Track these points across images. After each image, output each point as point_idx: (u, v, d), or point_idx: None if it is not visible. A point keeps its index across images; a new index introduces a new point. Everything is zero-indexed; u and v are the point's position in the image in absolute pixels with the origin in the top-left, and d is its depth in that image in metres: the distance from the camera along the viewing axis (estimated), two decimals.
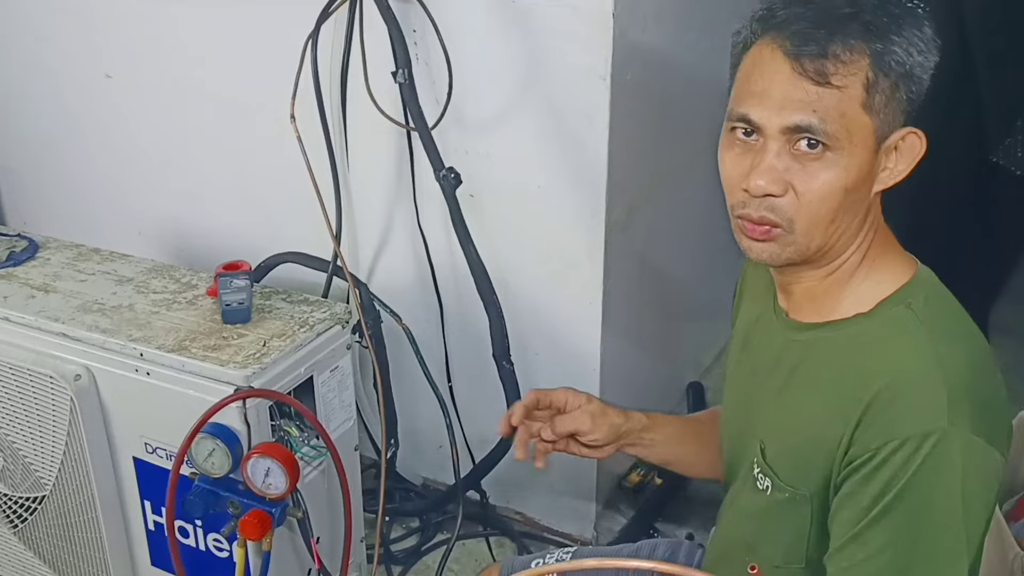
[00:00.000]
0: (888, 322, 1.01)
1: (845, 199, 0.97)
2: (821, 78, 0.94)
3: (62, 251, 1.75)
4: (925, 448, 0.92)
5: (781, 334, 1.11)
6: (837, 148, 0.95)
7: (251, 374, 1.40)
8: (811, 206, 0.97)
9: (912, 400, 0.95)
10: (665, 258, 2.10)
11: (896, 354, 0.98)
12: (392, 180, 1.88)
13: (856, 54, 0.94)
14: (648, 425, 1.32)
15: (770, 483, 1.09)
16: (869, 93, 0.95)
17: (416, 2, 1.65)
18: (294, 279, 1.85)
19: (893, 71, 0.95)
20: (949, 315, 1.04)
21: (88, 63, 2.16)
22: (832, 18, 0.95)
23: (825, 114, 0.94)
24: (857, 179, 0.97)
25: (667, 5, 1.74)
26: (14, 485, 1.60)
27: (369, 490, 1.84)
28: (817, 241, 1.00)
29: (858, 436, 0.98)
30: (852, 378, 1.00)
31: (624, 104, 1.66)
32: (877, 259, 1.05)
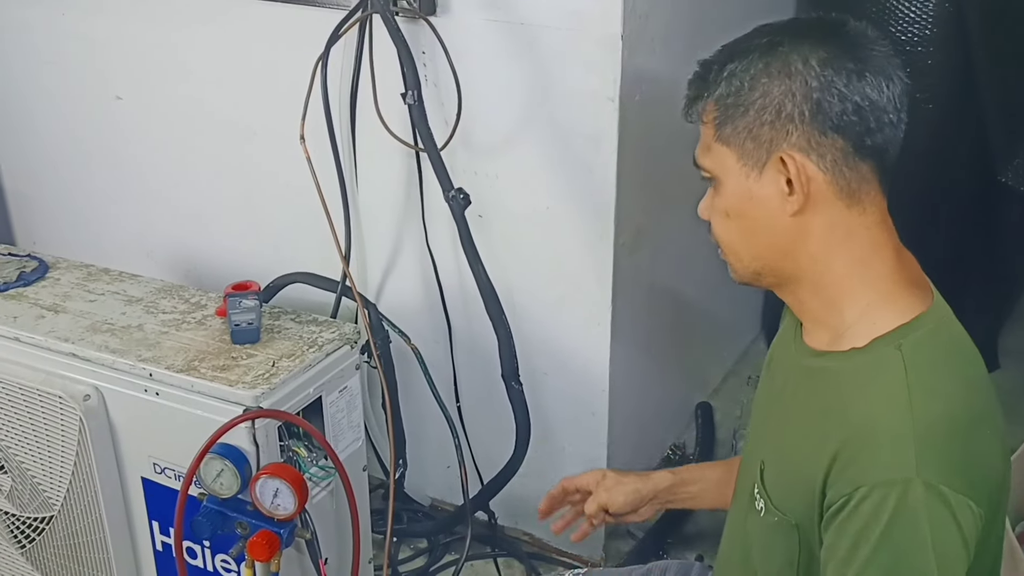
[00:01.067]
0: (875, 363, 1.00)
1: (734, 224, 1.06)
2: (691, 118, 1.07)
3: (72, 271, 1.76)
4: (892, 498, 0.92)
5: (793, 357, 1.11)
6: (715, 177, 1.06)
7: (260, 394, 1.41)
8: (717, 232, 1.10)
9: (881, 449, 0.95)
10: (673, 280, 2.10)
11: (872, 400, 0.98)
12: (401, 201, 1.88)
13: (705, 93, 1.05)
14: (677, 482, 1.41)
15: (763, 505, 1.09)
16: (718, 127, 1.04)
17: (426, 24, 1.66)
18: (303, 299, 1.85)
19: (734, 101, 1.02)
20: (940, 357, 1.02)
21: (96, 87, 2.17)
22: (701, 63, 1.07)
23: (700, 150, 1.07)
24: (734, 205, 1.05)
25: (675, 28, 1.75)
26: (22, 505, 1.60)
27: (377, 511, 1.83)
28: (745, 264, 1.08)
29: (832, 480, 0.98)
30: (833, 416, 1.00)
31: (632, 126, 1.67)
32: (885, 292, 1.03)
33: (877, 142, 1.00)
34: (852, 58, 0.99)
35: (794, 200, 1.01)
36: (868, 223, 1.03)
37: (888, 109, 1.00)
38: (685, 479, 1.41)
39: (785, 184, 1.01)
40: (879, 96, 0.99)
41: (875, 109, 0.99)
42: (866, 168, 1.01)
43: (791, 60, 0.99)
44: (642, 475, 1.41)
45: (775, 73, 1.00)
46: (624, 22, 1.57)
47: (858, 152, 1.00)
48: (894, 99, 1.00)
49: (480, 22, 1.67)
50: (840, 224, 1.02)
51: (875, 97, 0.99)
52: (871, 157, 1.00)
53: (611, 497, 1.38)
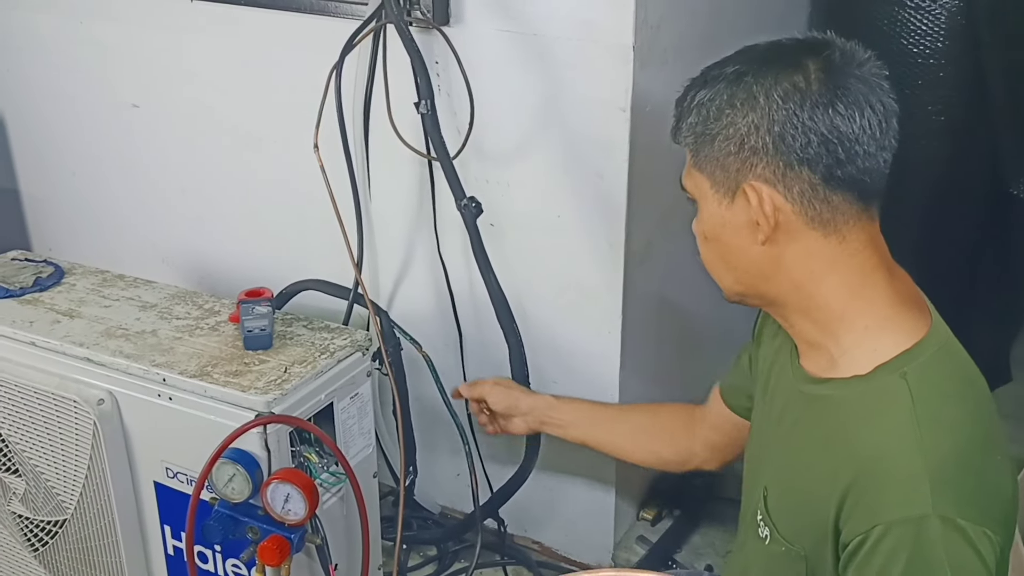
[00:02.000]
0: (880, 393, 0.99)
1: (712, 247, 1.08)
2: (678, 141, 1.09)
3: (87, 277, 1.77)
4: (909, 536, 0.92)
5: (791, 382, 1.11)
6: (695, 200, 1.08)
7: (272, 400, 1.42)
8: (701, 252, 1.11)
9: (894, 485, 0.94)
10: (684, 290, 2.10)
11: (881, 433, 0.97)
12: (413, 209, 1.89)
13: (681, 122, 1.07)
14: (555, 405, 1.57)
15: (769, 534, 1.08)
16: (694, 153, 1.06)
17: (439, 34, 1.67)
18: (315, 306, 1.86)
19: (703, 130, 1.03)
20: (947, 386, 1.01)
21: (111, 94, 2.19)
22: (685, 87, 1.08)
23: (684, 170, 1.08)
24: (710, 229, 1.07)
25: (687, 38, 1.76)
26: (36, 508, 1.61)
27: (387, 517, 1.84)
28: (727, 285, 1.11)
29: (845, 517, 0.97)
30: (840, 446, 1.00)
31: (643, 136, 1.67)
32: (883, 316, 1.02)
33: (850, 173, 0.98)
34: (822, 88, 0.97)
35: (761, 230, 1.01)
36: (851, 251, 1.02)
37: (861, 139, 0.97)
38: (562, 408, 1.57)
39: (749, 212, 1.02)
40: (849, 127, 0.97)
41: (845, 140, 0.97)
42: (839, 199, 0.99)
43: (754, 92, 0.99)
44: (527, 391, 1.61)
45: (738, 105, 1.00)
46: (635, 33, 1.58)
47: (828, 184, 0.98)
48: (870, 128, 0.97)
49: (493, 32, 1.68)
50: (818, 253, 1.02)
51: (844, 128, 0.97)
52: (844, 188, 0.99)
53: (492, 391, 1.59)
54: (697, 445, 1.48)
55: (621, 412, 1.59)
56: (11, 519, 1.64)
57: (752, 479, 1.17)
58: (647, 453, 1.55)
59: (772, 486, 1.10)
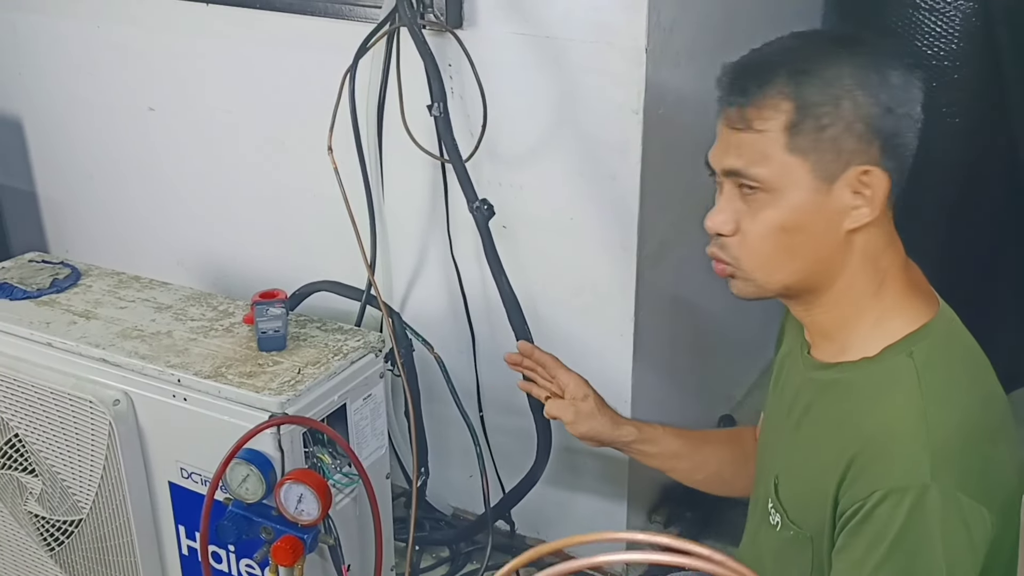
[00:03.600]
0: (887, 372, 1.00)
1: (788, 238, 1.00)
2: (742, 124, 0.99)
3: (103, 279, 1.78)
4: (906, 503, 0.92)
5: (802, 371, 1.11)
6: (769, 189, 0.99)
7: (286, 401, 1.42)
8: (752, 245, 1.02)
9: (895, 454, 0.95)
10: (697, 292, 2.10)
11: (886, 409, 0.98)
12: (426, 211, 1.90)
13: (777, 99, 0.98)
14: (638, 439, 1.42)
15: (779, 519, 1.09)
16: (792, 136, 0.98)
17: (453, 37, 1.68)
18: (328, 308, 1.87)
19: (819, 112, 0.97)
20: (954, 367, 1.02)
21: (129, 97, 2.21)
22: (758, 67, 1.01)
23: (750, 158, 0.99)
24: (797, 218, 1.00)
25: (700, 41, 1.76)
26: (52, 508, 1.62)
27: (399, 518, 1.84)
28: (778, 278, 1.04)
29: (846, 488, 0.98)
30: (848, 426, 1.00)
31: (656, 138, 1.67)
32: (894, 301, 1.03)
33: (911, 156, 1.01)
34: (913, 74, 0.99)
35: (863, 214, 1.00)
36: (892, 236, 1.04)
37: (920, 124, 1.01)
38: (646, 438, 1.42)
39: (852, 198, 0.99)
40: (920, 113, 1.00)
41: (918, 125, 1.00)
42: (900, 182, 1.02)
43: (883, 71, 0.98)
44: (614, 419, 1.42)
45: (869, 84, 0.98)
46: (649, 35, 1.58)
47: (905, 166, 1.00)
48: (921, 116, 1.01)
49: (506, 35, 1.68)
50: (878, 238, 1.02)
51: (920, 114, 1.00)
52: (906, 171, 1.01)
53: (576, 422, 1.41)
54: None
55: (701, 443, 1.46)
56: (27, 519, 1.66)
57: (764, 469, 1.18)
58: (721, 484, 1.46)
59: (783, 473, 1.11)
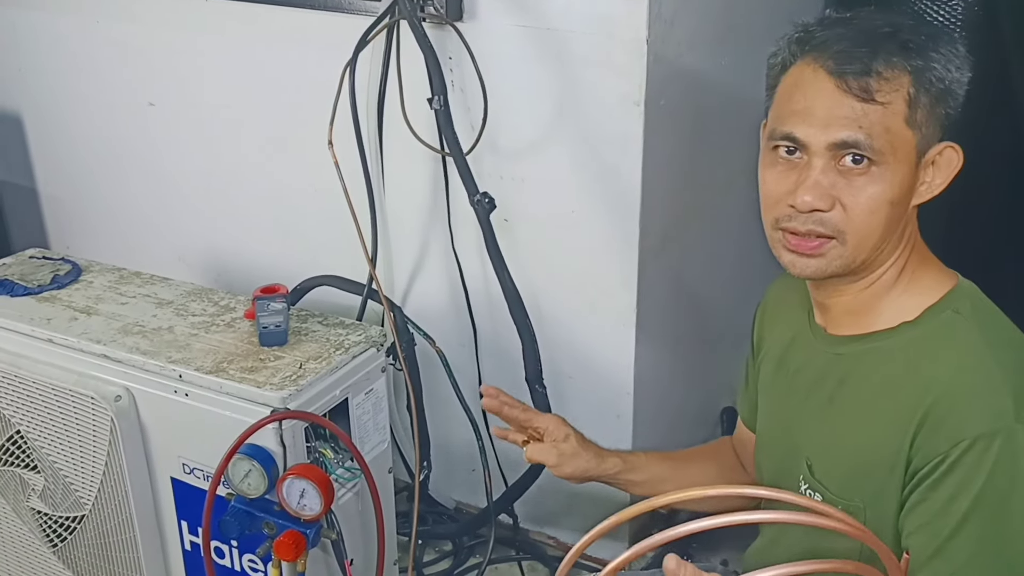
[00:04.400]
0: (938, 328, 1.01)
1: (891, 212, 0.99)
2: (866, 95, 0.96)
3: (104, 274, 1.78)
4: (995, 447, 0.91)
5: (822, 351, 1.11)
6: (882, 163, 0.97)
7: (287, 396, 1.42)
8: (859, 219, 0.99)
9: (975, 401, 0.94)
10: (699, 283, 2.10)
11: (952, 358, 0.98)
12: (427, 204, 1.90)
13: (898, 71, 0.97)
14: (624, 469, 1.36)
15: (820, 498, 1.08)
16: (911, 108, 0.97)
17: (452, 30, 1.67)
18: (330, 302, 1.87)
19: (933, 87, 0.98)
20: (997, 322, 1.04)
21: (129, 93, 2.21)
22: (872, 37, 0.98)
23: (871, 130, 0.96)
24: (901, 192, 0.99)
25: (701, 31, 1.75)
26: (55, 504, 1.62)
27: (402, 513, 1.84)
28: (864, 254, 1.02)
29: (920, 445, 0.97)
30: (906, 387, 0.99)
31: (658, 130, 1.67)
32: (917, 271, 1.05)
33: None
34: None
35: (936, 187, 1.02)
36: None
37: None
38: (632, 467, 1.37)
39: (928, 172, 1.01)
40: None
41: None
42: None
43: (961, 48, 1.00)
44: (598, 453, 1.35)
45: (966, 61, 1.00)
46: (650, 27, 1.58)
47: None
48: None
49: (506, 27, 1.68)
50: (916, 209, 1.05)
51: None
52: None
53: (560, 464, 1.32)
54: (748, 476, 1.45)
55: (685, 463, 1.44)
56: (30, 515, 1.66)
57: (785, 460, 1.16)
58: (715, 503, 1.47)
59: (817, 454, 1.10)
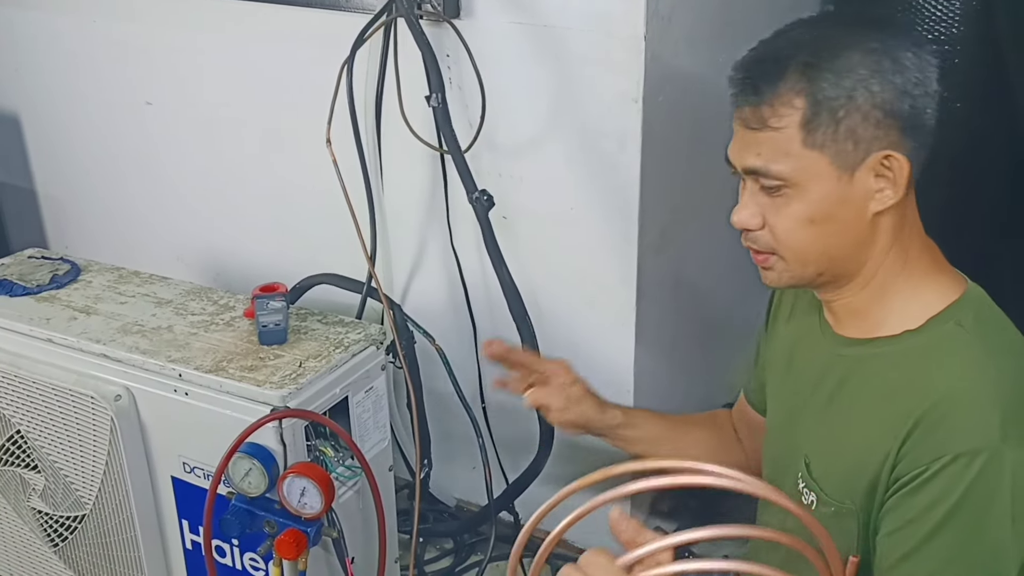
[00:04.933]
0: (939, 339, 1.01)
1: (817, 229, 1.01)
2: (759, 124, 1.01)
3: (103, 274, 1.78)
4: (976, 465, 0.92)
5: (827, 349, 1.11)
6: (792, 185, 1.00)
7: (287, 394, 1.42)
8: (782, 237, 1.03)
9: (964, 417, 0.95)
10: (699, 280, 2.10)
11: (949, 371, 0.98)
12: (426, 202, 1.89)
13: (790, 96, 0.98)
14: (624, 423, 1.40)
15: (815, 498, 1.08)
16: (808, 130, 0.98)
17: (450, 27, 1.67)
18: (329, 300, 1.87)
19: (838, 104, 0.97)
20: (1001, 332, 1.04)
21: (127, 92, 2.20)
22: (767, 63, 1.01)
23: (769, 156, 1.00)
24: (824, 210, 1.00)
25: (699, 29, 1.75)
26: (55, 504, 1.62)
27: (403, 511, 1.84)
28: (812, 268, 1.04)
29: (906, 452, 0.97)
30: (903, 394, 1.00)
31: (656, 127, 1.67)
32: (924, 277, 1.05)
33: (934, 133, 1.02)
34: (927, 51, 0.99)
35: (887, 197, 1.00)
36: (914, 212, 1.05)
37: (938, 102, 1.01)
38: (631, 422, 1.40)
39: (875, 182, 1.00)
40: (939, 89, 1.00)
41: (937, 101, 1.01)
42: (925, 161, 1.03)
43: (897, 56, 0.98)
44: (600, 403, 1.38)
45: (884, 71, 0.98)
46: (647, 23, 1.57)
47: (926, 142, 1.01)
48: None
49: (504, 25, 1.68)
50: (904, 216, 1.04)
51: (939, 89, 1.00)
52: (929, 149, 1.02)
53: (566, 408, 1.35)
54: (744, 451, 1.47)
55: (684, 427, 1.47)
56: (31, 515, 1.66)
57: (785, 455, 1.17)
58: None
59: (815, 453, 1.11)
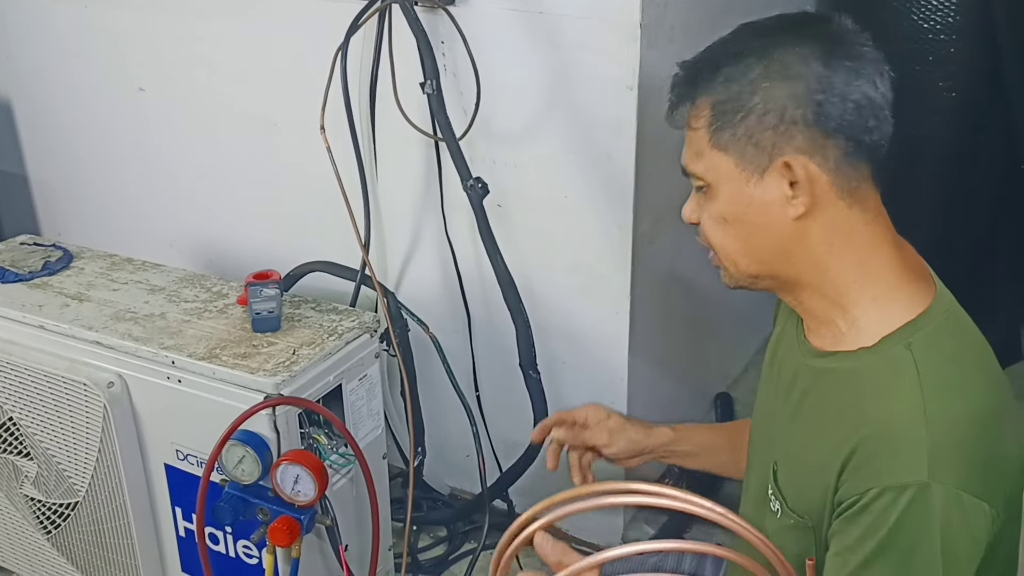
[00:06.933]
0: (886, 364, 0.99)
1: (731, 229, 1.04)
2: (680, 124, 1.06)
3: (96, 261, 1.78)
4: (903, 501, 0.92)
5: (798, 357, 1.11)
6: (707, 183, 1.04)
7: (281, 382, 1.42)
8: (706, 235, 1.07)
9: (894, 452, 0.95)
10: (693, 269, 2.10)
11: (885, 402, 0.97)
12: (420, 190, 1.89)
13: (701, 97, 1.03)
14: (675, 439, 1.39)
15: (780, 507, 1.08)
16: (713, 132, 1.01)
17: (444, 13, 1.66)
18: (323, 288, 1.86)
19: (735, 106, 0.99)
20: (955, 355, 1.01)
21: (120, 79, 2.19)
22: (691, 66, 1.05)
23: (690, 156, 1.05)
24: (734, 211, 1.03)
25: (694, 16, 1.74)
26: (48, 491, 1.62)
27: (397, 499, 1.84)
28: (743, 268, 1.07)
29: (846, 477, 0.98)
30: (847, 418, 1.00)
31: (652, 115, 1.66)
32: (886, 289, 1.02)
33: (874, 139, 0.99)
34: (847, 55, 0.98)
35: (799, 203, 1.00)
36: (866, 220, 1.02)
37: (883, 105, 0.99)
38: (683, 438, 1.39)
39: (788, 188, 1.00)
40: (875, 93, 0.98)
41: (872, 107, 0.98)
42: (863, 167, 1.00)
43: (789, 62, 0.98)
44: (644, 426, 1.38)
45: (775, 76, 0.98)
46: (643, 10, 1.57)
47: (858, 151, 0.99)
48: (888, 95, 1.00)
49: (498, 11, 1.67)
50: (841, 224, 1.02)
51: (872, 94, 0.98)
52: (867, 156, 1.00)
53: (611, 443, 1.34)
54: None
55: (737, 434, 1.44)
56: (23, 502, 1.66)
57: (761, 454, 1.18)
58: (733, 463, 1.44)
59: (781, 460, 1.11)
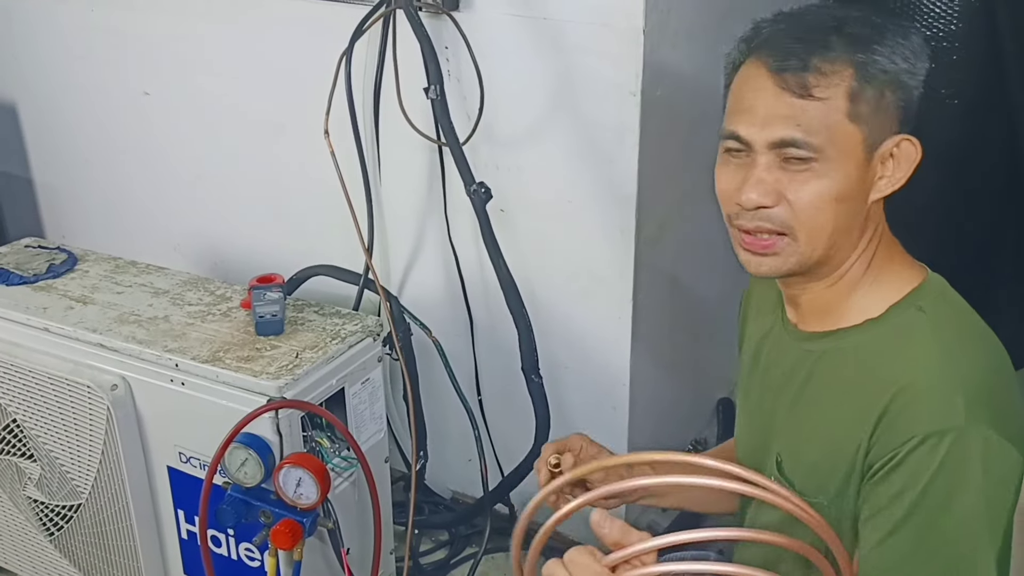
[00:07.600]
0: (901, 326, 1.01)
1: (838, 208, 0.99)
2: (803, 91, 0.96)
3: (100, 264, 1.78)
4: (944, 446, 0.92)
5: (792, 346, 1.11)
6: (824, 159, 0.97)
7: (283, 385, 1.42)
8: (805, 214, 0.99)
9: (929, 400, 0.95)
10: (695, 274, 2.10)
11: (911, 357, 0.98)
12: (423, 194, 1.89)
13: (838, 65, 0.96)
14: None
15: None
16: (854, 103, 0.96)
17: (448, 19, 1.67)
18: (326, 292, 1.87)
19: (878, 79, 0.97)
20: (962, 317, 1.04)
21: (125, 82, 2.20)
22: (814, 32, 0.98)
23: (809, 126, 0.96)
24: (848, 188, 0.98)
25: (698, 21, 1.75)
26: (51, 493, 1.62)
27: (399, 502, 1.84)
28: (819, 251, 1.02)
29: (877, 440, 0.98)
30: (868, 383, 1.00)
31: (654, 120, 1.67)
32: (884, 267, 1.05)
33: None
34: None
35: (894, 181, 1.00)
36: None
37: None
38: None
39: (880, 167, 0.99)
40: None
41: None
42: None
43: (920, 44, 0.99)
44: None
45: (921, 53, 0.98)
46: (646, 16, 1.57)
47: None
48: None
49: (502, 17, 1.67)
50: (881, 208, 1.04)
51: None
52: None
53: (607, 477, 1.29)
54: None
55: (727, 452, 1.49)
56: (27, 504, 1.66)
57: (757, 453, 1.17)
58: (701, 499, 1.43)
59: (786, 449, 1.11)
